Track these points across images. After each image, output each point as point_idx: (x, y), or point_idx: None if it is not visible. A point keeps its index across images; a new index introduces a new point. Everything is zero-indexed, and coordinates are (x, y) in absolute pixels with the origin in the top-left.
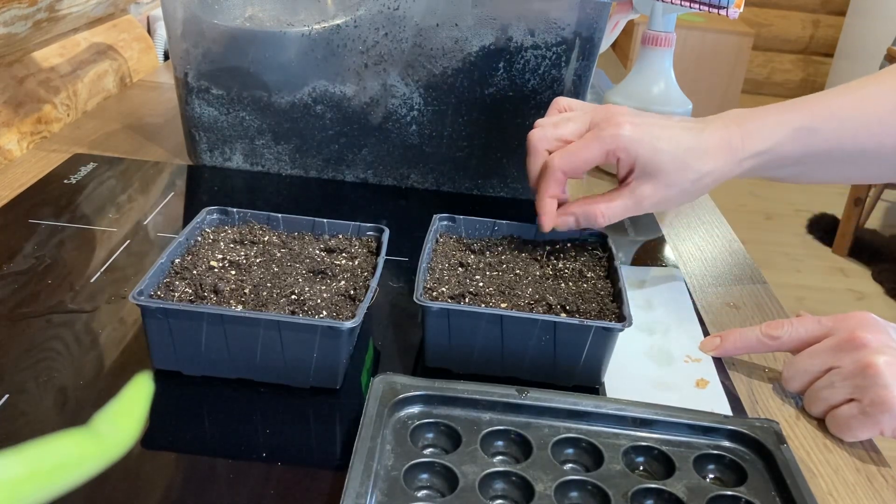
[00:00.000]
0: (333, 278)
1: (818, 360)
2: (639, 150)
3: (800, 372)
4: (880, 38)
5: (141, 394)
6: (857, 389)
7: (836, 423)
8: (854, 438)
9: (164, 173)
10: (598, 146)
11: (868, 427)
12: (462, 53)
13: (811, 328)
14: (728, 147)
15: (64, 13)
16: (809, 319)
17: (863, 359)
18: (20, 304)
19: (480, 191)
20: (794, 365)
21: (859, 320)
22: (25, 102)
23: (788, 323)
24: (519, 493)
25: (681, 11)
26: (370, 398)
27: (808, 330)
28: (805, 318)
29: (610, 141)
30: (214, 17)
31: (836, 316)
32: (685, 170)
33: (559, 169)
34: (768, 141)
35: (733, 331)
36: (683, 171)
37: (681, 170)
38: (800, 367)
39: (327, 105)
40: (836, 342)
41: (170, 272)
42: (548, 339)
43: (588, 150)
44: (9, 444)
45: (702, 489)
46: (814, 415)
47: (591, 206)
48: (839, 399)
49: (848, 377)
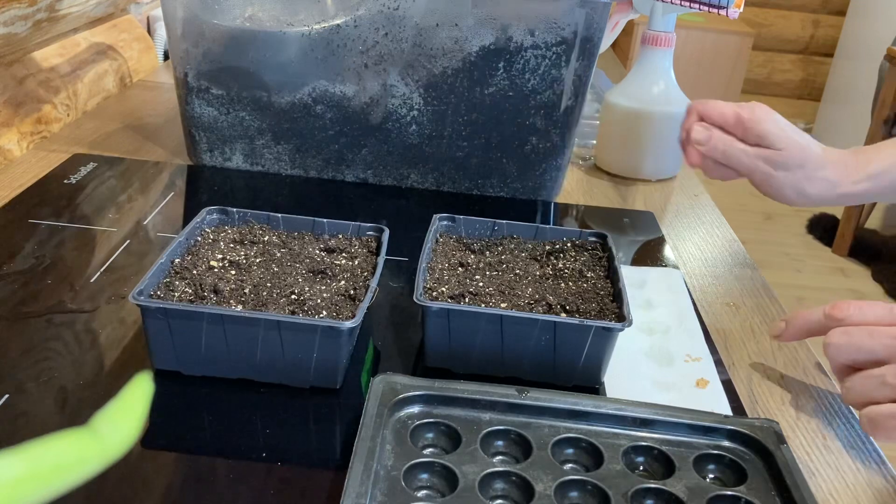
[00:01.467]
0: (333, 278)
1: (877, 342)
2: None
3: (851, 344)
4: (880, 38)
5: (141, 394)
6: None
7: (873, 422)
8: (887, 440)
9: (164, 173)
10: (735, 109)
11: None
12: (462, 53)
13: (880, 313)
14: (844, 165)
15: (64, 13)
16: (880, 305)
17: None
18: (20, 304)
19: (480, 191)
20: (848, 334)
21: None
22: (25, 102)
23: (857, 305)
24: (519, 493)
25: (681, 11)
26: (370, 398)
27: (876, 315)
28: (876, 303)
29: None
30: (214, 17)
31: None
32: (803, 164)
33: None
34: (884, 163)
35: (797, 313)
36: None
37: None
38: (854, 340)
39: (327, 105)
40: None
41: (170, 272)
42: (548, 339)
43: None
44: (9, 444)
45: (702, 489)
46: (849, 403)
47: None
48: (883, 396)
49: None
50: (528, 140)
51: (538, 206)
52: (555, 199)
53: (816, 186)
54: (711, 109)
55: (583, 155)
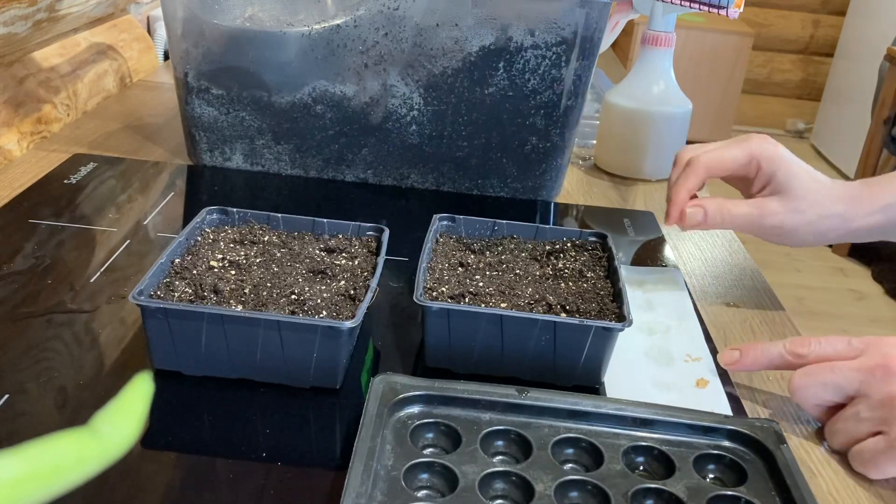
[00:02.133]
0: (333, 278)
1: (840, 376)
2: (781, 165)
3: (815, 384)
4: (880, 38)
5: (141, 394)
6: (884, 422)
7: (861, 459)
8: (881, 476)
9: (164, 173)
10: (745, 148)
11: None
12: (462, 53)
13: (840, 348)
14: (854, 199)
15: (64, 13)
16: (839, 339)
17: (894, 389)
18: (20, 304)
19: (480, 191)
20: (810, 374)
21: (893, 347)
22: (25, 102)
23: (816, 341)
24: (519, 493)
25: (681, 11)
26: (370, 398)
27: (836, 350)
28: (834, 337)
29: (757, 147)
30: (214, 17)
31: (867, 338)
32: (815, 203)
33: (704, 164)
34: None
35: (754, 345)
36: (813, 203)
37: (812, 201)
38: (817, 378)
39: (327, 105)
40: (866, 366)
41: (170, 272)
42: (548, 339)
43: (734, 150)
44: (9, 444)
45: (702, 489)
46: (835, 448)
47: (721, 203)
48: (864, 432)
49: (876, 407)
50: (528, 140)
51: (538, 206)
52: (555, 199)
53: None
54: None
55: (583, 155)
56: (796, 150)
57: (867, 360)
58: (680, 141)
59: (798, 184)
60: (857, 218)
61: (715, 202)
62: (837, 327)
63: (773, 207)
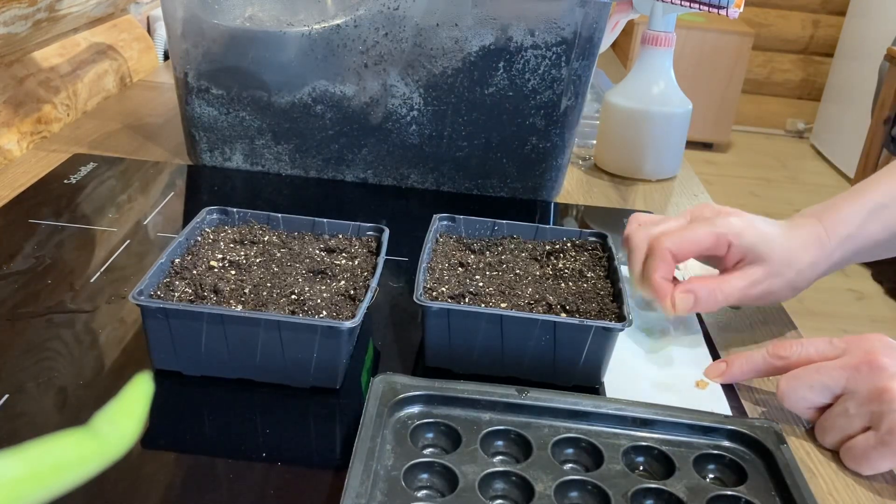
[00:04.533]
0: (333, 278)
1: (826, 376)
2: (751, 237)
3: (802, 386)
4: (880, 38)
5: (141, 394)
6: (873, 417)
7: (853, 456)
8: (873, 471)
9: (164, 173)
10: (710, 230)
11: (888, 457)
12: (462, 53)
13: (822, 349)
14: (818, 241)
15: (64, 13)
16: (820, 340)
17: (879, 383)
18: (20, 304)
19: (480, 191)
20: (796, 378)
21: (874, 342)
22: (25, 102)
23: (798, 343)
24: (519, 493)
25: (681, 11)
26: (370, 398)
27: (818, 350)
28: (815, 338)
29: (723, 226)
30: (214, 17)
31: (848, 337)
32: (790, 262)
33: (668, 250)
34: (850, 226)
35: (739, 355)
36: (789, 263)
37: (787, 261)
38: (804, 381)
39: (327, 105)
40: (850, 363)
41: (170, 272)
42: (548, 338)
43: (699, 233)
44: (9, 444)
45: (702, 489)
46: (826, 446)
47: (709, 284)
48: (855, 428)
49: (863, 403)
50: (528, 140)
51: (538, 206)
52: (555, 199)
53: (807, 274)
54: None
55: (583, 155)
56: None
57: (851, 357)
58: (680, 141)
59: (772, 247)
60: (824, 261)
61: (705, 286)
62: (837, 327)
63: (757, 275)
